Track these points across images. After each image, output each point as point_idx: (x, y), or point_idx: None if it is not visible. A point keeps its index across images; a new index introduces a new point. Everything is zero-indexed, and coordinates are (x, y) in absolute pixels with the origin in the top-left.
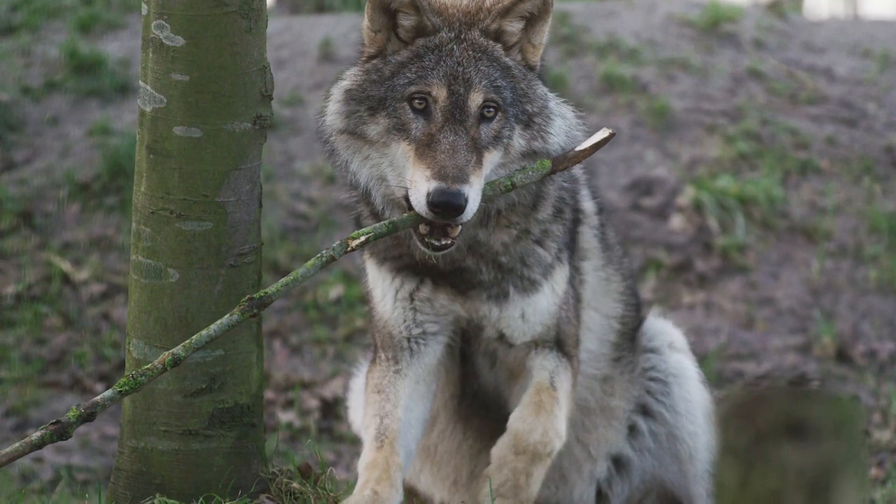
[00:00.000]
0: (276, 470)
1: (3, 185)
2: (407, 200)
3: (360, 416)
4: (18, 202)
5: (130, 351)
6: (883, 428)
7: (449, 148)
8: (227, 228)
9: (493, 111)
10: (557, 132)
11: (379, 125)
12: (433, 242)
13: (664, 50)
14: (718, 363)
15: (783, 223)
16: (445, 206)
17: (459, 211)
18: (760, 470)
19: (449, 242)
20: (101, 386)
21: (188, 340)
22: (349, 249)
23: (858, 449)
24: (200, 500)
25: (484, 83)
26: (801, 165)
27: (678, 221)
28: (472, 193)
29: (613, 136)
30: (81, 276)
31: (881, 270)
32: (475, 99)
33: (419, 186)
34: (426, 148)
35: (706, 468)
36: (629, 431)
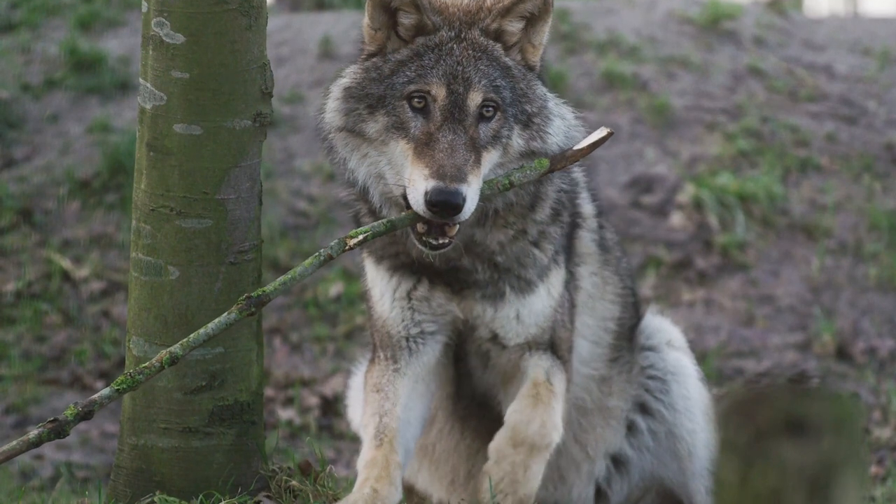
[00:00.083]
0: (276, 467)
1: (3, 182)
2: (405, 199)
3: (358, 414)
4: (18, 199)
5: (130, 348)
6: (883, 425)
7: (447, 147)
8: (227, 226)
9: (492, 111)
10: (556, 132)
11: (378, 123)
12: (431, 241)
13: (664, 47)
14: (718, 361)
15: (783, 220)
16: (443, 205)
17: (457, 210)
18: (760, 467)
19: (447, 241)
20: (101, 383)
21: (186, 339)
22: (347, 248)
23: (858, 446)
24: (200, 497)
25: (483, 83)
26: (801, 163)
27: (678, 219)
28: (470, 193)
29: (612, 134)
30: (81, 273)
31: (881, 268)
32: (474, 98)
33: (417, 185)
34: (425, 147)
35: (705, 466)
36: (628, 430)
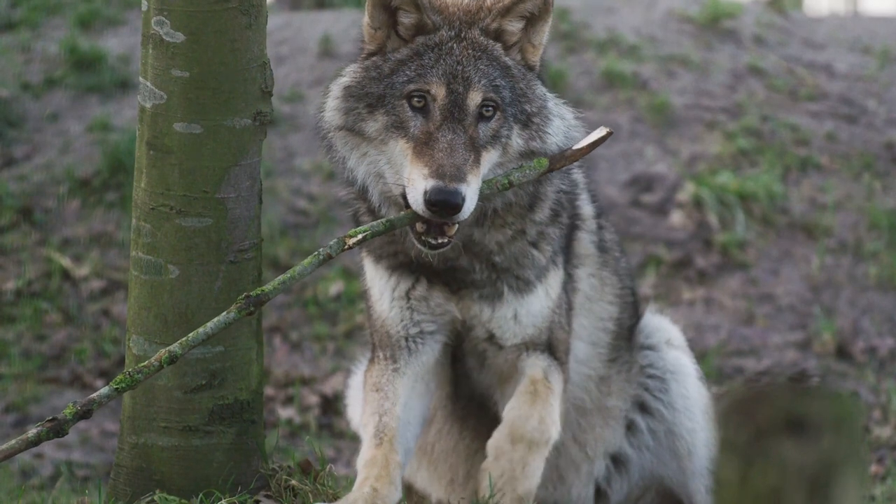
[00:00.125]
0: (275, 466)
1: (3, 181)
2: (404, 198)
3: (358, 413)
4: (18, 198)
5: (130, 347)
6: (883, 424)
7: (447, 146)
8: (227, 225)
9: (491, 110)
10: (556, 132)
11: (377, 122)
12: (430, 241)
13: (664, 46)
14: (718, 360)
15: (783, 220)
16: (443, 204)
17: (457, 210)
18: (760, 466)
19: (446, 241)
20: (101, 382)
21: (185, 338)
22: (346, 247)
23: (858, 445)
24: (200, 496)
25: (483, 82)
26: (801, 162)
27: (678, 218)
28: (469, 192)
29: (611, 134)
30: (81, 272)
31: (881, 267)
32: (474, 98)
33: (417, 185)
34: (424, 146)
35: (705, 465)
36: (627, 429)
